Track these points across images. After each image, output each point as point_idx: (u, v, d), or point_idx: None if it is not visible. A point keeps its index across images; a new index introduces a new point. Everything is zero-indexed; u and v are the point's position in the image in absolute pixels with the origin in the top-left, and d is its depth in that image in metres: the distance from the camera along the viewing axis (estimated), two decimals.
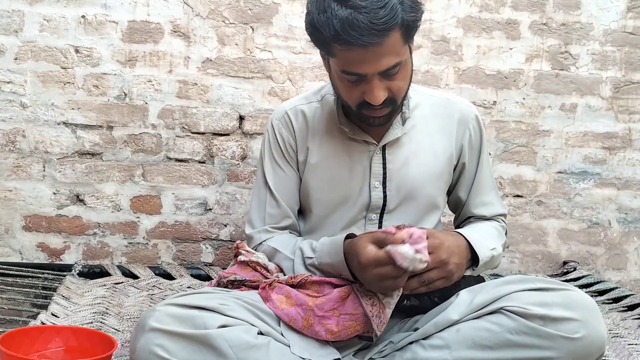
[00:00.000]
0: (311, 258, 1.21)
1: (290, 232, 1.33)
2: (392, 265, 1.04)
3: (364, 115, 1.18)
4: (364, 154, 1.26)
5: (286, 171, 1.32)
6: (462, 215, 1.38)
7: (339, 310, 1.13)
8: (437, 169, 1.29)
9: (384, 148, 1.26)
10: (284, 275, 1.24)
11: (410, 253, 1.02)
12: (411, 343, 1.14)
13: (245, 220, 1.41)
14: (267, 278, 1.21)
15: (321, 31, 1.08)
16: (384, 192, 1.26)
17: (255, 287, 1.19)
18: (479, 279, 1.23)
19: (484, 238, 1.24)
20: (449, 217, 1.48)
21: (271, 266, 1.24)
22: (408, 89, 1.21)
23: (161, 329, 1.01)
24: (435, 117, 1.30)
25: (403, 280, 1.08)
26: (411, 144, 1.27)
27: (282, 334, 1.11)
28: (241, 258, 1.24)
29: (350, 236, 1.17)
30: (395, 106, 1.18)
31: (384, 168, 1.26)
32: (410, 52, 1.16)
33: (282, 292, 1.16)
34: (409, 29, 1.10)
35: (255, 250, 1.31)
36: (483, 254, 1.20)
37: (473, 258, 1.20)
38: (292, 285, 1.17)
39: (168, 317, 1.02)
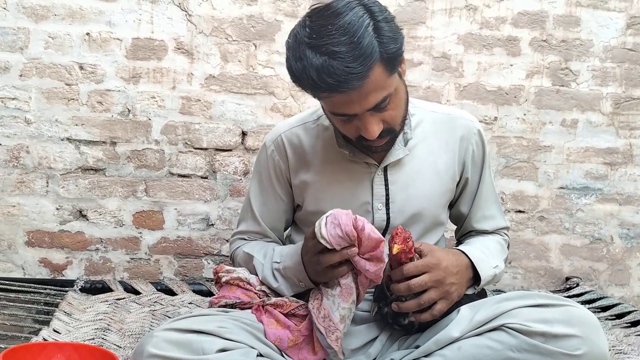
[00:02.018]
0: (278, 262, 1.21)
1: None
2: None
3: (365, 145, 1.16)
4: (365, 175, 1.24)
5: (272, 195, 1.32)
6: (463, 229, 1.37)
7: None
8: (441, 187, 1.27)
9: (385, 168, 1.24)
10: (267, 288, 1.24)
11: (322, 221, 1.07)
12: None
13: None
14: (255, 294, 1.21)
15: (300, 79, 1.06)
16: (387, 213, 1.24)
17: (248, 309, 1.19)
18: (482, 294, 1.23)
19: (487, 256, 1.23)
20: (451, 232, 1.48)
21: (252, 279, 1.24)
22: (405, 113, 1.19)
23: (159, 355, 1.00)
24: (438, 133, 1.28)
25: (328, 259, 1.08)
26: (413, 163, 1.25)
27: (281, 354, 1.11)
28: (224, 279, 1.24)
29: None
30: (394, 133, 1.16)
31: (386, 189, 1.24)
32: (401, 76, 1.13)
33: (272, 317, 1.16)
34: (391, 60, 1.05)
35: (232, 255, 1.34)
36: (485, 273, 1.19)
37: (475, 276, 1.19)
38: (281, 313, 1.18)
39: (166, 342, 1.01)
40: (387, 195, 1.24)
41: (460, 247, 1.23)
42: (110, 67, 1.82)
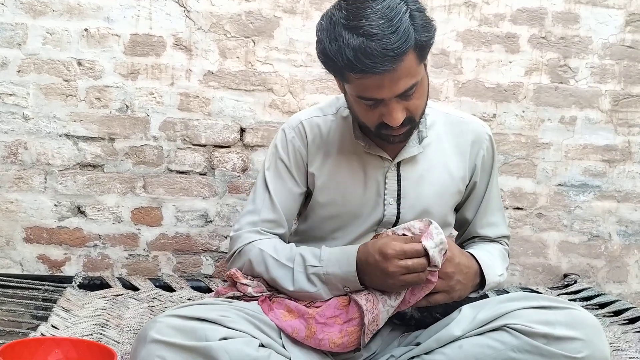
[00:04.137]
0: (315, 267, 1.16)
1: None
2: (420, 257, 1.08)
3: (384, 134, 1.16)
4: (379, 169, 1.25)
5: (289, 181, 1.29)
6: (466, 234, 1.37)
7: (342, 317, 1.12)
8: (451, 187, 1.28)
9: (398, 164, 1.25)
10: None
11: (433, 247, 1.08)
12: (412, 358, 1.13)
13: (234, 223, 1.36)
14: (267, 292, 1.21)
15: (334, 60, 1.06)
16: (398, 209, 1.24)
17: (254, 300, 1.19)
18: (482, 295, 1.23)
19: (494, 264, 1.24)
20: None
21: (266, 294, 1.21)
22: (426, 104, 1.19)
23: (162, 341, 1.01)
24: (450, 136, 1.29)
25: (424, 276, 1.09)
26: (425, 161, 1.26)
27: (283, 346, 1.11)
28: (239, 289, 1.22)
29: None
30: (414, 124, 1.17)
31: (399, 185, 1.24)
32: (425, 69, 1.15)
33: (282, 307, 1.15)
34: (423, 48, 1.08)
35: (240, 250, 1.24)
36: (491, 280, 1.20)
37: (480, 281, 1.20)
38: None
39: (169, 328, 1.02)
40: (399, 190, 1.24)
41: (471, 250, 1.23)
42: (109, 63, 1.82)
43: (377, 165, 1.25)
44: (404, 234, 1.12)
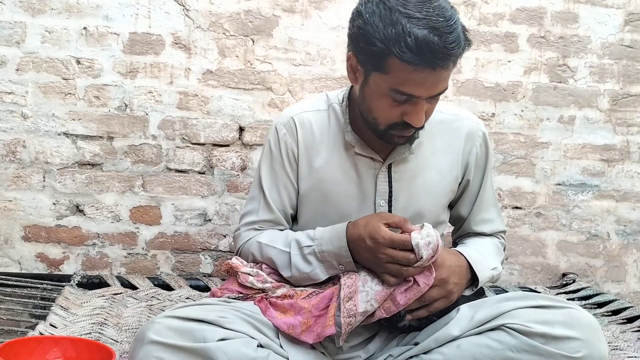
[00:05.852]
0: (310, 246, 1.18)
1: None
2: (406, 251, 1.08)
3: (390, 134, 1.15)
4: (370, 171, 1.24)
5: (283, 178, 1.28)
6: (461, 231, 1.37)
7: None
8: (443, 186, 1.27)
9: (389, 166, 1.24)
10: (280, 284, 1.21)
11: (420, 239, 1.08)
12: (411, 358, 1.13)
13: (233, 223, 1.39)
14: (255, 289, 1.20)
15: (387, 46, 1.03)
16: (389, 211, 1.24)
17: (251, 300, 1.18)
18: (479, 294, 1.23)
19: (485, 258, 1.23)
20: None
21: (268, 286, 1.21)
22: None
23: (160, 342, 1.01)
24: (442, 134, 1.27)
25: (409, 271, 1.09)
26: (417, 161, 1.25)
27: (281, 346, 1.11)
28: (239, 280, 1.22)
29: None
30: (421, 127, 1.16)
31: (390, 186, 1.24)
32: None
33: (277, 308, 1.15)
34: (461, 55, 1.10)
35: (241, 248, 1.29)
36: (483, 275, 1.20)
37: (473, 277, 1.20)
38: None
39: (167, 329, 1.02)
40: (390, 192, 1.24)
41: (458, 248, 1.23)
42: (108, 61, 1.82)
43: (368, 166, 1.24)
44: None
